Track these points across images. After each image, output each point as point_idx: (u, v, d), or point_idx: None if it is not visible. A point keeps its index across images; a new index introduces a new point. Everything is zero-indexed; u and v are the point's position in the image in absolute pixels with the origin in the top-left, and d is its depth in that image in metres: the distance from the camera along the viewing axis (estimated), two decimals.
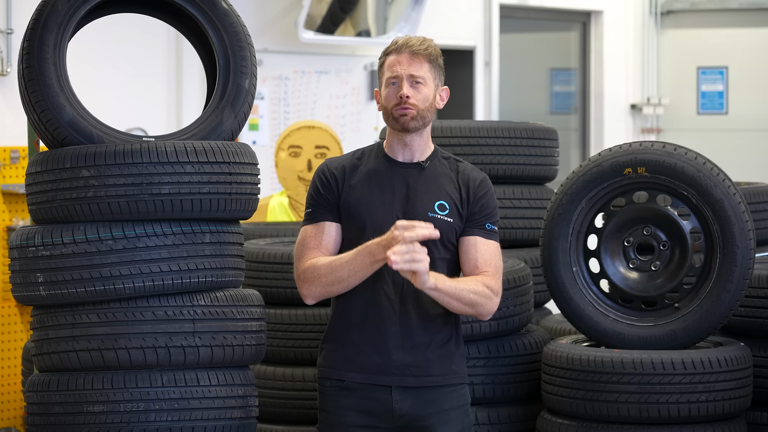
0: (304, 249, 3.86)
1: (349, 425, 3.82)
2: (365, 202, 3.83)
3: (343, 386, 3.84)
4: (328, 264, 3.78)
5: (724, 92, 11.23)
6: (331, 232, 3.86)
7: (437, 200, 3.85)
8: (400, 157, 3.89)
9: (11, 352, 7.10)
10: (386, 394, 3.80)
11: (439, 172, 3.89)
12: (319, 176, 3.90)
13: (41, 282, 3.89)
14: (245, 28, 4.15)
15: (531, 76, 11.34)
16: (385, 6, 9.36)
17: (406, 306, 3.81)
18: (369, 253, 3.71)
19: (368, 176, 3.87)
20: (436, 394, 3.83)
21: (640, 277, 4.52)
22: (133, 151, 3.85)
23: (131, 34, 7.92)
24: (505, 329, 4.59)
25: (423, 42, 3.84)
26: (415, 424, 3.81)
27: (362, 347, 3.81)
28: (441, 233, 3.78)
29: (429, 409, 3.81)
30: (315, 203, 3.89)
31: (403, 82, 3.80)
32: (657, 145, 4.46)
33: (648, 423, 4.27)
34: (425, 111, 3.83)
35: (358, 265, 3.74)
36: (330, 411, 3.85)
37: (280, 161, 7.10)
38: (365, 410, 3.81)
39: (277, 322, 5.02)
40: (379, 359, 3.80)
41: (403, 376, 3.80)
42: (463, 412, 3.88)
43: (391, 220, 3.77)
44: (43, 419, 3.94)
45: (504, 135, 5.09)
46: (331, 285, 3.79)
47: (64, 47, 3.96)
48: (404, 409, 3.80)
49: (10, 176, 7.14)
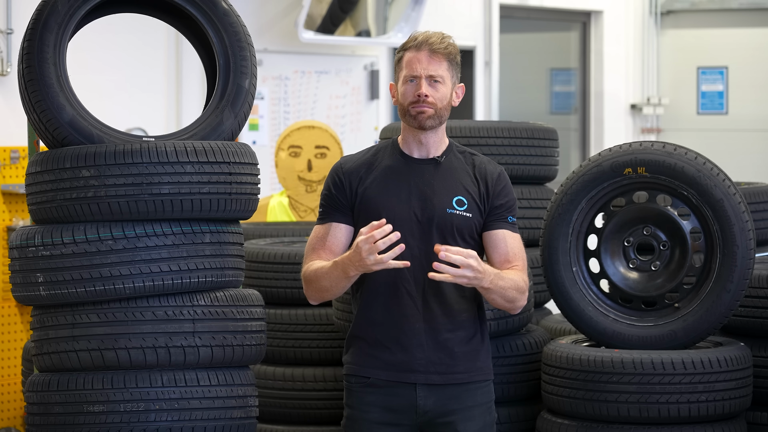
0: (309, 250, 3.87)
1: (373, 422, 3.82)
2: (382, 200, 3.82)
3: (368, 383, 3.84)
4: (315, 272, 3.79)
5: (724, 92, 11.23)
6: (336, 234, 3.85)
7: (455, 196, 3.83)
8: (415, 153, 3.88)
9: (11, 352, 7.10)
10: (411, 391, 3.80)
11: (456, 167, 3.88)
12: (332, 176, 3.89)
13: (41, 282, 3.89)
14: (245, 28, 4.15)
15: (531, 76, 11.33)
16: (385, 6, 9.36)
17: (428, 303, 3.80)
18: (342, 269, 3.70)
19: (384, 174, 3.86)
20: (461, 391, 3.83)
21: (640, 277, 4.52)
22: (133, 151, 3.85)
23: (131, 35, 7.92)
24: (505, 329, 4.59)
25: (443, 40, 3.82)
26: (438, 420, 3.82)
27: (387, 345, 3.81)
28: (461, 229, 3.80)
29: (453, 405, 3.81)
30: (326, 203, 3.89)
31: (422, 80, 3.79)
32: (657, 145, 4.46)
33: (648, 423, 4.27)
34: (442, 109, 3.83)
35: (335, 278, 3.74)
36: (354, 407, 3.86)
37: (280, 161, 7.10)
38: (389, 407, 3.81)
39: (277, 322, 5.02)
40: (405, 357, 3.80)
41: (429, 373, 3.80)
42: (486, 409, 3.88)
43: (409, 218, 3.78)
44: (43, 419, 3.94)
45: (504, 135, 5.09)
46: (321, 291, 3.80)
47: (64, 47, 3.95)
48: (428, 405, 3.80)
49: (10, 176, 7.14)
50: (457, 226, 3.80)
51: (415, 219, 3.79)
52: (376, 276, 3.77)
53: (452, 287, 3.80)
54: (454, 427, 3.81)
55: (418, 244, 3.78)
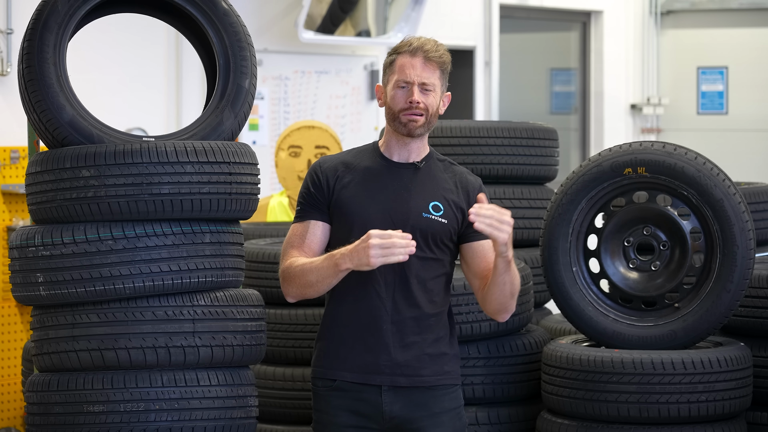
0: (288, 247, 3.86)
1: (341, 425, 3.81)
2: (358, 201, 3.82)
3: (334, 386, 3.83)
4: (301, 267, 3.76)
5: (724, 92, 11.23)
6: (315, 232, 3.84)
7: (432, 201, 3.83)
8: (396, 157, 3.88)
9: (11, 352, 7.10)
10: (377, 396, 3.79)
11: (435, 173, 3.88)
12: (311, 175, 3.89)
13: (41, 282, 3.89)
14: (245, 28, 4.15)
15: (531, 76, 11.33)
16: (385, 6, 9.36)
17: (397, 305, 3.78)
18: (334, 263, 3.67)
19: (362, 175, 3.85)
20: (428, 396, 3.80)
21: (640, 277, 4.52)
22: (133, 151, 3.85)
23: (131, 34, 7.92)
24: (505, 329, 4.59)
25: (437, 48, 3.80)
26: (406, 426, 3.79)
27: (354, 346, 3.80)
28: (435, 234, 3.79)
29: (419, 411, 3.79)
30: (304, 201, 3.88)
31: (414, 87, 3.77)
32: (657, 145, 4.46)
33: (648, 423, 4.28)
34: (432, 117, 3.82)
35: (324, 273, 3.71)
36: (323, 411, 3.86)
37: (280, 161, 7.10)
38: (356, 411, 3.80)
39: (277, 322, 5.02)
40: (371, 358, 3.78)
41: (395, 375, 3.78)
42: (456, 415, 3.86)
43: (384, 220, 3.77)
44: (43, 419, 3.94)
45: (504, 135, 5.09)
46: (304, 287, 3.77)
47: (64, 47, 3.95)
48: (394, 411, 3.78)
49: (10, 176, 7.14)
50: (431, 231, 3.79)
51: (389, 221, 3.77)
52: (347, 276, 3.73)
53: (422, 290, 3.79)
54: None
55: None
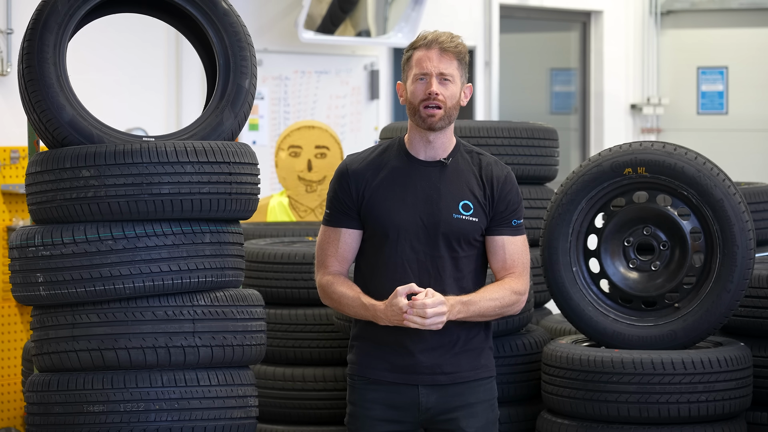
0: (323, 255, 3.90)
1: (375, 419, 3.84)
2: (388, 205, 3.82)
3: (371, 381, 3.86)
4: (339, 297, 3.84)
5: (724, 92, 11.23)
6: (347, 240, 3.87)
7: (461, 200, 3.83)
8: (422, 155, 3.87)
9: (11, 352, 7.10)
10: (413, 390, 3.82)
11: (462, 168, 3.87)
12: (338, 179, 3.89)
13: (41, 282, 3.89)
14: (245, 28, 4.15)
15: (531, 76, 11.33)
16: (385, 6, 9.36)
17: None
18: (373, 316, 3.78)
19: (390, 177, 3.85)
20: (464, 389, 3.84)
21: (640, 277, 4.52)
22: (133, 151, 3.85)
23: (131, 34, 7.92)
24: (505, 329, 4.59)
25: (452, 39, 3.81)
26: (441, 417, 3.83)
27: (392, 348, 3.82)
28: (467, 234, 3.82)
29: (455, 402, 3.82)
30: (333, 207, 3.90)
31: (432, 78, 3.78)
32: (657, 145, 4.46)
33: (648, 423, 4.28)
34: (452, 109, 3.82)
35: (360, 315, 3.82)
36: (357, 404, 3.88)
37: (280, 161, 7.10)
38: (392, 404, 3.83)
39: (277, 322, 5.02)
40: (409, 360, 3.81)
41: (434, 374, 3.81)
42: (489, 406, 3.89)
43: (415, 223, 3.79)
44: (43, 419, 3.94)
45: (504, 135, 5.09)
46: (340, 310, 3.90)
47: (64, 47, 3.95)
48: (430, 402, 3.82)
49: (10, 176, 7.14)
50: (463, 232, 3.81)
51: (421, 224, 3.80)
52: (382, 279, 3.79)
53: (457, 289, 3.81)
54: (457, 424, 3.82)
55: (424, 249, 3.79)
